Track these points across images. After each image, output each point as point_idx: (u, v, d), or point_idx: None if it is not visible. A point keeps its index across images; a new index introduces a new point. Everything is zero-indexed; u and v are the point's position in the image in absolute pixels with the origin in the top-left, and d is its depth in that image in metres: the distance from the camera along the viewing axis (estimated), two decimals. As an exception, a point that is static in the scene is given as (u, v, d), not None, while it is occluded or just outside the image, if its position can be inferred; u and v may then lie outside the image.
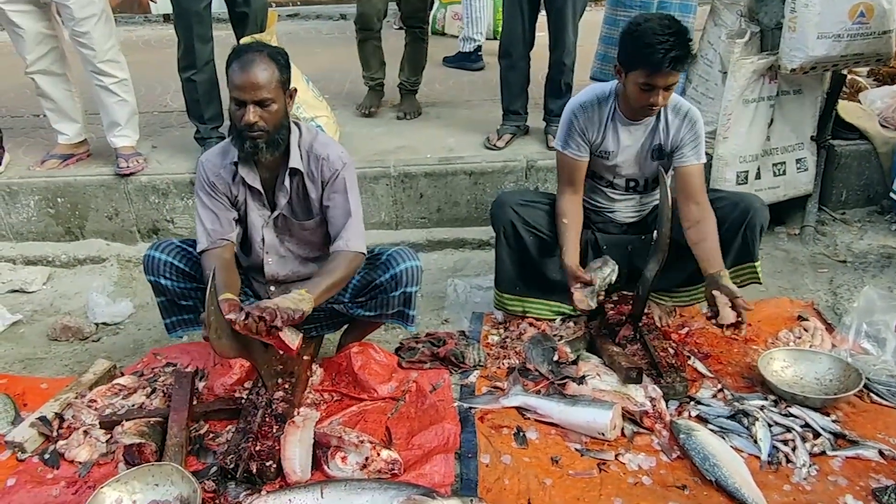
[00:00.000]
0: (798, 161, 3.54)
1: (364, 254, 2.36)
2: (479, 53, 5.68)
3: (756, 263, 2.64)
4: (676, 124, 2.57)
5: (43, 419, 2.28)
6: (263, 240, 2.40)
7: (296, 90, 2.27)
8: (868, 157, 3.66)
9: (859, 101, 3.87)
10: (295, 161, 2.28)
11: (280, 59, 2.17)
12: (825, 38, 3.06)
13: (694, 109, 2.59)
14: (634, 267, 2.73)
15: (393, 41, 4.54)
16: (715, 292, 2.34)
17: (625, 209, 2.79)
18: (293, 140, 2.28)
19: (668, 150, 2.60)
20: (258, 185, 2.31)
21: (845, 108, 3.72)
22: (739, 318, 2.29)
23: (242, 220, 2.40)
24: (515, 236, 2.70)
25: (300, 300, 2.10)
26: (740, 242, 2.59)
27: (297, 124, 2.33)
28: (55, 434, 2.27)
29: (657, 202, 2.77)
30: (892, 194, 3.34)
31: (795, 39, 3.10)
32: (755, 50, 3.32)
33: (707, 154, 3.37)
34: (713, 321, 2.35)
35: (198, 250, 2.36)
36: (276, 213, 2.36)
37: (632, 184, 2.73)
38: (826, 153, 3.61)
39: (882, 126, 3.67)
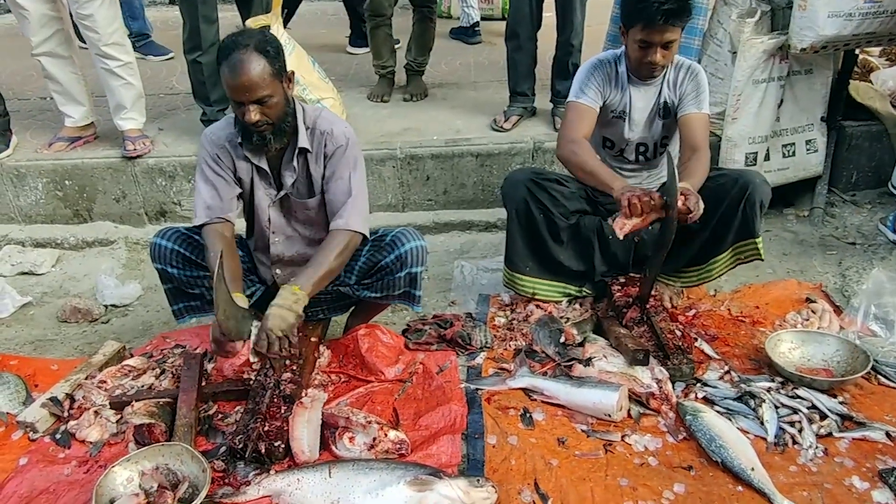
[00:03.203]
0: (808, 142, 3.51)
1: (364, 234, 2.31)
2: (477, 28, 5.73)
3: (757, 239, 2.61)
4: (680, 78, 2.60)
5: (54, 400, 2.31)
6: (270, 219, 2.39)
7: (293, 73, 2.23)
8: (879, 139, 3.62)
9: (871, 82, 3.82)
10: (303, 141, 2.26)
11: (269, 51, 2.09)
12: (836, 17, 3.02)
13: (696, 64, 2.63)
14: (640, 250, 2.73)
15: (400, 21, 4.50)
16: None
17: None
18: (299, 119, 2.26)
19: (674, 107, 2.61)
20: (264, 165, 2.30)
21: (856, 89, 3.68)
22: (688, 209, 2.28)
23: (248, 200, 2.39)
24: (527, 214, 2.69)
25: (295, 301, 2.11)
26: (741, 219, 2.57)
27: (300, 103, 2.31)
28: (66, 414, 2.30)
29: (663, 180, 2.75)
30: (890, 185, 3.29)
31: (806, 18, 3.06)
32: (765, 29, 3.28)
33: (716, 135, 3.36)
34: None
35: (195, 223, 2.32)
36: (282, 193, 2.35)
37: (641, 149, 2.73)
38: (836, 134, 3.58)
39: (894, 107, 3.63)
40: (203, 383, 2.37)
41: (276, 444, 2.06)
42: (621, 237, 2.37)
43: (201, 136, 2.35)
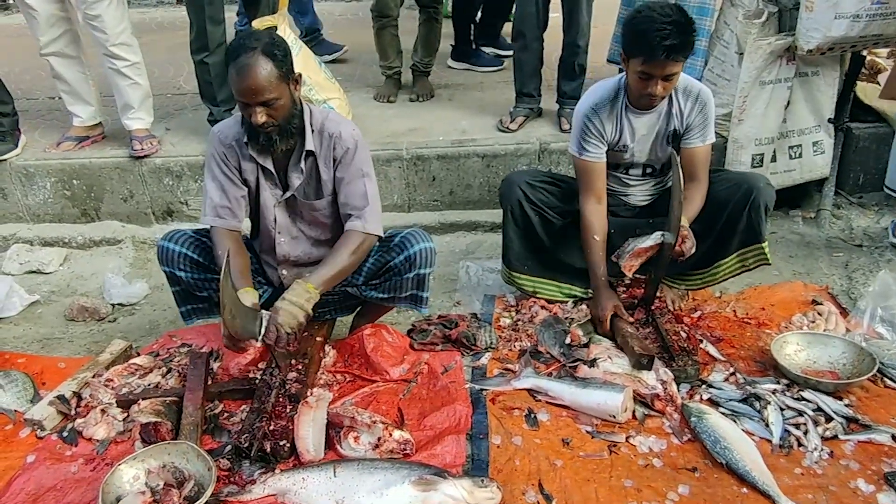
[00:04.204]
0: (815, 144, 3.50)
1: (379, 236, 2.35)
2: None
3: (763, 244, 2.61)
4: (689, 107, 2.56)
5: (61, 398, 2.32)
6: (275, 219, 2.40)
7: (300, 75, 2.24)
8: (886, 140, 3.59)
9: (878, 83, 3.81)
10: (310, 143, 2.28)
11: (276, 53, 2.10)
12: (843, 18, 3.01)
13: (706, 90, 2.58)
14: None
15: (406, 22, 4.51)
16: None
17: (639, 193, 2.79)
18: (306, 121, 2.27)
19: (681, 134, 2.59)
20: (270, 166, 2.32)
21: (864, 90, 3.66)
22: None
23: (254, 199, 2.41)
24: (523, 215, 2.71)
25: (307, 299, 2.16)
26: (745, 224, 2.57)
27: (307, 105, 2.32)
28: (73, 412, 2.31)
29: (670, 185, 2.75)
30: (885, 188, 3.27)
31: (812, 19, 3.05)
32: (772, 30, 3.26)
33: (722, 136, 3.35)
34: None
35: (203, 222, 2.35)
36: (288, 194, 2.36)
37: (648, 170, 2.73)
38: (843, 136, 3.56)
39: (902, 108, 3.61)
40: (209, 382, 2.39)
41: (281, 443, 2.07)
42: (630, 275, 2.55)
43: (210, 134, 2.36)
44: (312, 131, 2.29)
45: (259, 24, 3.37)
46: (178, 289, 2.47)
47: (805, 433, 2.10)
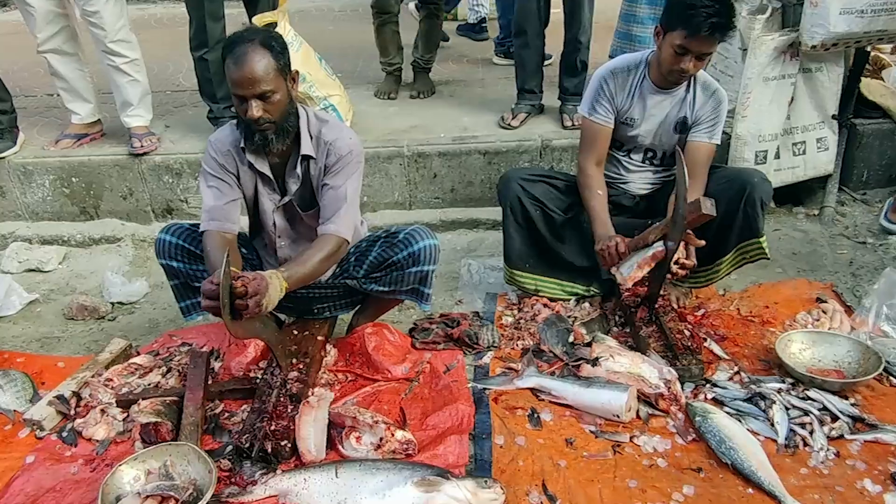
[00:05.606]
0: (819, 140, 3.48)
1: (348, 241, 2.28)
2: (484, 25, 5.75)
3: (761, 239, 2.58)
4: (702, 100, 2.57)
5: (60, 398, 2.30)
6: (275, 224, 2.39)
7: (297, 73, 2.21)
8: (891, 137, 3.59)
9: (882, 79, 3.79)
10: (306, 148, 2.24)
11: (274, 46, 2.08)
12: (848, 14, 2.99)
13: (723, 92, 2.59)
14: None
15: (407, 19, 4.48)
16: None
17: (639, 180, 2.78)
18: (302, 125, 2.24)
19: (690, 125, 2.59)
20: (267, 171, 2.29)
21: (868, 86, 3.64)
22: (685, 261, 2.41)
23: (253, 205, 2.39)
24: (522, 211, 2.70)
25: (279, 294, 2.02)
26: (742, 219, 2.54)
27: (304, 108, 2.29)
28: (73, 412, 2.30)
29: (672, 178, 2.73)
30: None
31: (817, 15, 3.03)
32: (776, 26, 3.25)
33: (725, 133, 3.33)
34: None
35: (200, 229, 2.28)
36: (286, 199, 2.34)
37: (650, 154, 2.72)
38: (847, 132, 3.54)
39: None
40: (209, 382, 2.37)
41: (282, 443, 2.05)
42: (630, 285, 2.47)
43: (207, 143, 2.33)
44: (311, 137, 2.26)
45: (259, 20, 3.35)
46: (177, 282, 2.46)
47: (811, 433, 2.09)
